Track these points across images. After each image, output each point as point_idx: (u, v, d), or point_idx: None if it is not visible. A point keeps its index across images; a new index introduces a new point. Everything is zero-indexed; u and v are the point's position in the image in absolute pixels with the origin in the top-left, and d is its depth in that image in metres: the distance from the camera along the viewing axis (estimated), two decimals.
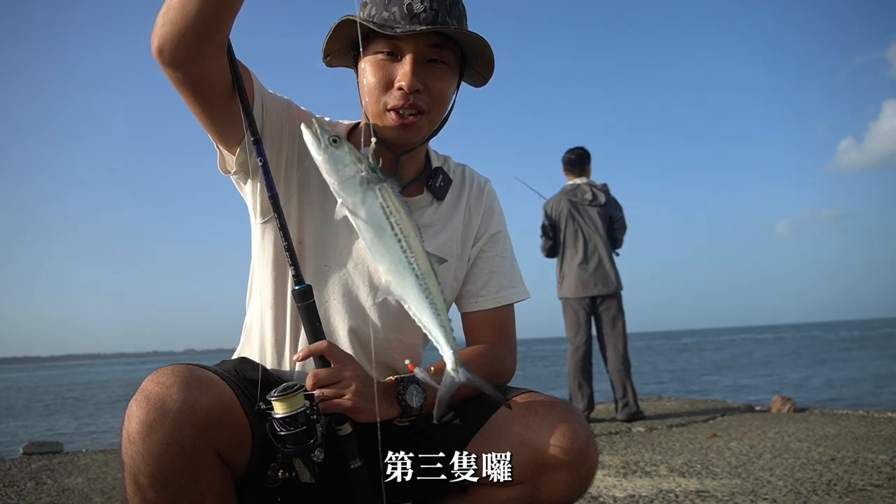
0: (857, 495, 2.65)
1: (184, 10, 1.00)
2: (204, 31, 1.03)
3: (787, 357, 23.07)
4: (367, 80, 1.21)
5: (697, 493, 2.78)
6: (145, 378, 1.02)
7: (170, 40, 1.03)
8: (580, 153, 5.42)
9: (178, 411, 0.96)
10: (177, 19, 1.01)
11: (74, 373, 52.04)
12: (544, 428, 1.14)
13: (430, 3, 1.18)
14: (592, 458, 1.15)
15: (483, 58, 1.25)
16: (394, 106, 1.19)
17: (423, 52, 1.19)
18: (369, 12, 1.20)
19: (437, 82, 1.21)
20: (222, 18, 1.04)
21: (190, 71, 1.07)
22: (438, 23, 1.18)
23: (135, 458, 0.97)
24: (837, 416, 5.07)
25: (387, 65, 1.19)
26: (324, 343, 1.14)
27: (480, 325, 1.40)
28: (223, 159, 1.25)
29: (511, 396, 1.22)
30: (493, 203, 1.45)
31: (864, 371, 14.92)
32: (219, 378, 1.05)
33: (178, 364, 1.03)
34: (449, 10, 1.20)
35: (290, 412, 1.01)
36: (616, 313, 5.21)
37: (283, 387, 1.03)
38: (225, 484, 1.06)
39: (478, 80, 1.33)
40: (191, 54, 1.05)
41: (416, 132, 1.23)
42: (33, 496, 3.15)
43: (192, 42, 1.03)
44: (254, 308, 1.35)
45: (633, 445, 4.07)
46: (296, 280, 1.14)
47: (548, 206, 5.36)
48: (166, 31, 1.03)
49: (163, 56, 1.05)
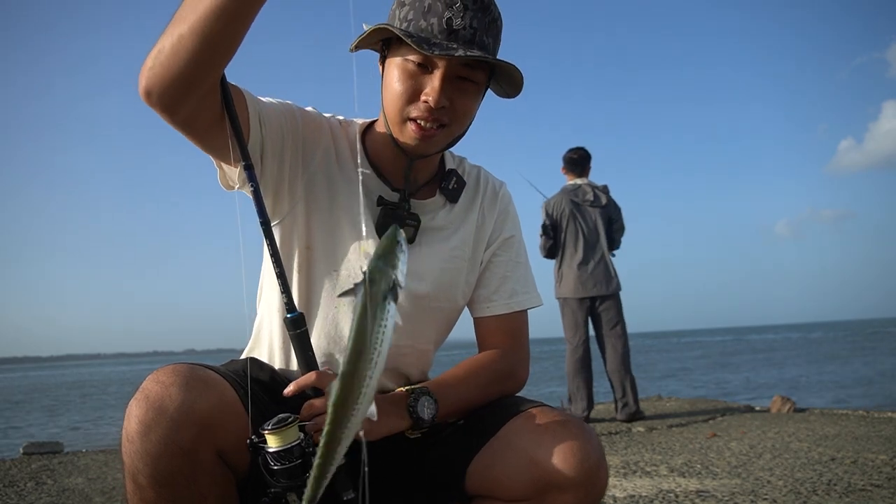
0: (857, 495, 2.65)
1: (175, 56, 0.97)
2: (196, 78, 1.00)
3: (787, 357, 23.06)
4: (393, 86, 1.18)
5: (697, 493, 2.78)
6: (146, 377, 1.01)
7: (158, 84, 1.00)
8: (582, 153, 5.43)
9: (176, 411, 0.96)
10: (167, 64, 0.98)
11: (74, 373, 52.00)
12: (555, 447, 1.10)
13: (470, 20, 1.15)
14: (602, 481, 1.12)
15: (513, 81, 1.23)
16: (416, 117, 1.18)
17: (454, 70, 1.16)
18: (406, 15, 1.17)
19: (464, 100, 1.19)
20: (215, 65, 1.02)
21: (179, 113, 1.04)
22: (476, 43, 1.16)
23: (133, 458, 0.97)
24: (837, 416, 5.07)
25: (416, 75, 1.17)
26: (312, 375, 1.09)
27: (493, 332, 1.37)
28: (224, 174, 1.23)
29: (523, 409, 1.19)
30: (508, 207, 1.42)
31: (864, 371, 14.92)
32: (221, 378, 1.05)
33: (180, 363, 1.02)
34: (487, 29, 1.18)
35: (284, 446, 0.98)
36: (615, 313, 5.21)
37: (277, 419, 0.99)
38: (226, 485, 1.05)
39: (503, 94, 1.30)
40: (181, 98, 1.02)
41: (434, 144, 1.22)
42: (33, 496, 3.15)
43: (183, 87, 1.00)
44: (263, 309, 1.35)
45: (633, 445, 4.07)
46: (287, 308, 1.11)
47: (549, 206, 5.35)
48: (155, 74, 0.99)
49: (150, 99, 1.02)
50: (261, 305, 1.36)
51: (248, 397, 1.06)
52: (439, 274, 1.32)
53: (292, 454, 0.98)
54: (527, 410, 1.19)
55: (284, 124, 1.22)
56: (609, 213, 5.31)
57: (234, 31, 0.98)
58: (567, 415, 1.17)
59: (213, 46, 0.97)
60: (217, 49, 0.98)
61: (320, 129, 1.28)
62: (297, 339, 1.11)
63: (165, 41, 0.98)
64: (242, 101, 1.15)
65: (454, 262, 1.34)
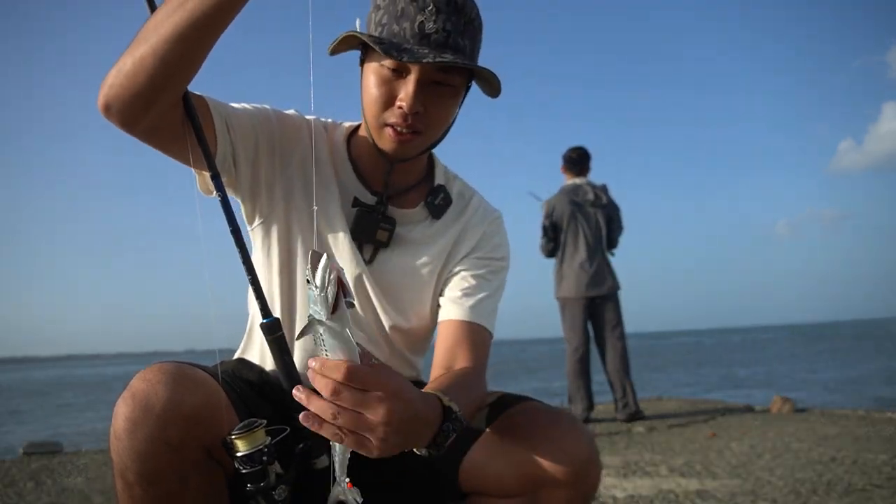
0: (857, 495, 2.65)
1: (135, 76, 0.97)
2: (156, 96, 1.00)
3: (787, 357, 23.07)
4: (370, 91, 1.18)
5: (697, 493, 2.78)
6: (134, 376, 1.02)
7: (117, 101, 1.00)
8: (581, 152, 5.42)
9: (163, 408, 0.96)
10: (127, 84, 0.98)
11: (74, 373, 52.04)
12: (546, 443, 1.10)
13: (443, 22, 1.13)
14: (594, 477, 1.12)
15: (490, 84, 1.22)
16: (392, 123, 1.17)
17: (428, 75, 1.15)
18: (380, 19, 1.16)
19: (439, 105, 1.18)
20: (176, 84, 1.02)
21: (138, 126, 1.04)
22: (449, 46, 1.14)
23: (122, 455, 0.97)
24: (837, 416, 5.07)
25: (390, 80, 1.16)
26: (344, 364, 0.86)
27: (458, 340, 1.26)
28: (202, 180, 1.21)
29: (515, 405, 1.19)
30: (497, 234, 1.37)
31: (864, 371, 14.92)
32: (208, 376, 1.05)
33: (167, 362, 1.03)
34: (463, 31, 1.16)
35: (250, 450, 0.98)
36: (614, 314, 5.21)
37: (243, 423, 0.99)
38: (216, 482, 1.05)
39: (487, 94, 1.27)
40: (140, 114, 1.02)
41: (412, 148, 1.22)
42: (33, 496, 3.16)
43: (142, 104, 1.00)
44: (253, 309, 1.34)
45: (633, 445, 4.07)
46: (263, 313, 1.10)
47: (549, 206, 5.35)
48: (115, 92, 0.99)
49: (109, 113, 1.02)
50: (251, 306, 1.36)
51: (228, 395, 1.06)
52: (404, 288, 1.31)
53: (256, 458, 0.99)
54: (519, 406, 1.19)
55: (257, 126, 1.21)
56: (609, 213, 5.31)
57: (195, 55, 0.99)
58: (559, 410, 1.17)
59: (173, 68, 0.98)
60: (178, 70, 0.99)
61: (299, 131, 1.27)
62: (274, 344, 1.09)
63: (126, 60, 0.98)
64: (206, 110, 1.14)
65: (420, 278, 1.31)
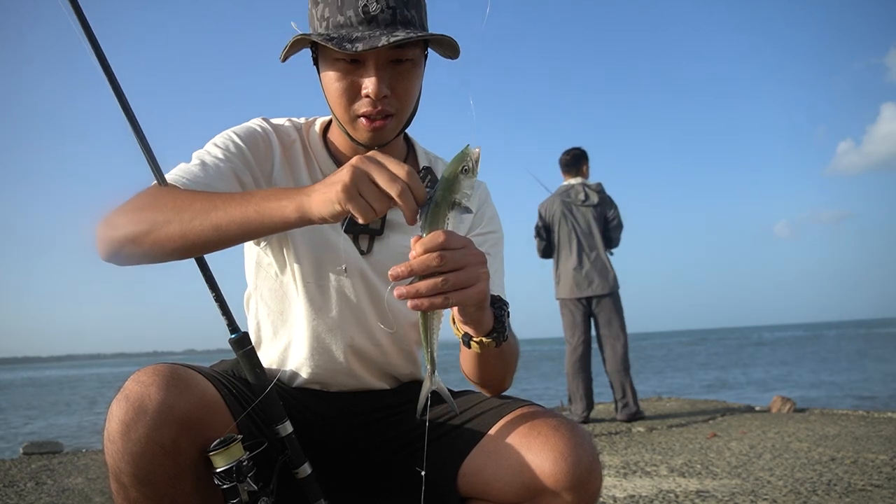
0: (857, 495, 2.65)
1: (152, 254, 1.04)
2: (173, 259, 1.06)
3: (787, 357, 23.07)
4: (332, 87, 1.17)
5: (697, 493, 2.78)
6: (128, 378, 1.02)
7: (124, 261, 1.07)
8: (575, 154, 5.43)
9: (156, 410, 0.96)
10: (140, 253, 1.04)
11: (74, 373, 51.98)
12: (546, 450, 1.07)
13: (385, 1, 1.12)
14: (595, 486, 1.09)
15: (448, 46, 1.21)
16: (363, 113, 1.17)
17: (385, 56, 1.14)
18: (322, 13, 1.15)
19: (404, 83, 1.18)
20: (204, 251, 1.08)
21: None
22: (397, 21, 1.13)
23: (116, 458, 0.97)
24: (837, 416, 5.08)
25: (350, 72, 1.15)
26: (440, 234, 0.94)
27: None
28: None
29: (513, 410, 1.18)
30: (485, 204, 1.40)
31: (864, 371, 14.92)
32: (202, 377, 1.05)
33: (161, 363, 1.02)
34: (406, 2, 1.15)
35: (228, 465, 1.00)
36: (613, 313, 5.20)
37: (220, 440, 1.01)
38: (210, 483, 1.06)
39: (447, 56, 1.26)
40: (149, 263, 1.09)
41: (387, 132, 1.22)
42: (33, 496, 3.16)
43: (154, 262, 1.07)
44: (254, 312, 1.35)
45: (633, 445, 4.07)
46: (230, 329, 1.12)
47: (542, 208, 5.39)
48: (123, 254, 1.05)
49: (114, 262, 1.08)
50: (251, 310, 1.37)
51: (223, 396, 1.07)
52: None
53: (233, 474, 1.00)
54: (517, 411, 1.17)
55: (236, 170, 1.21)
56: (604, 212, 5.30)
57: (219, 248, 1.06)
58: (559, 416, 1.14)
59: (195, 253, 1.07)
60: (199, 253, 1.07)
61: (268, 145, 1.27)
62: (245, 357, 1.11)
63: (145, 232, 1.03)
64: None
65: None
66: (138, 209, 1.05)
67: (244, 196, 1.00)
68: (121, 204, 1.08)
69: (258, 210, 0.97)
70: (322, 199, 0.92)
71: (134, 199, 1.08)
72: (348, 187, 0.89)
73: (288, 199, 0.95)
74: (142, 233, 1.02)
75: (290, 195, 0.96)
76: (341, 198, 0.90)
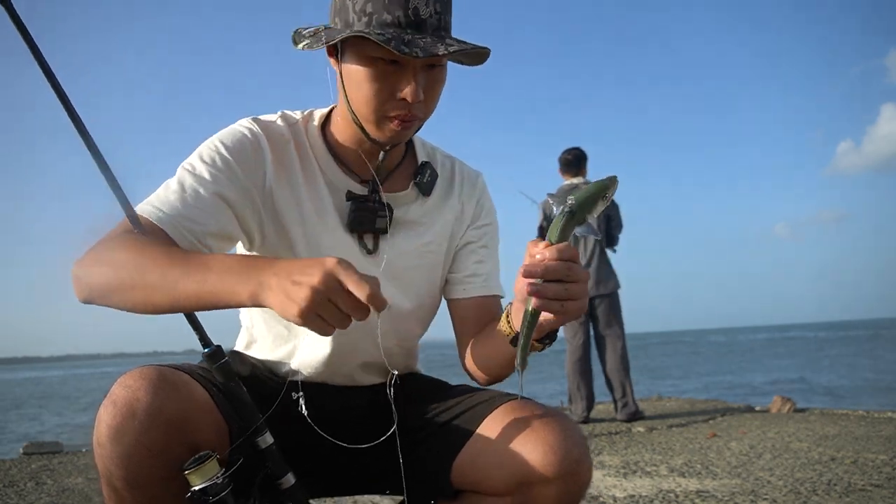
0: (857, 495, 2.65)
1: (123, 306, 1.03)
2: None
3: (787, 357, 23.08)
4: (364, 86, 1.14)
5: (697, 493, 2.78)
6: (115, 381, 1.01)
7: (104, 304, 1.05)
8: (577, 153, 5.42)
9: (144, 413, 0.96)
10: (115, 303, 1.03)
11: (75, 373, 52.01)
12: (536, 441, 1.10)
13: (433, 4, 1.11)
14: (584, 475, 1.11)
15: (478, 58, 1.20)
16: (396, 115, 1.15)
17: (424, 60, 1.12)
18: (363, 7, 1.10)
19: (435, 88, 1.17)
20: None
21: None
22: (442, 27, 1.13)
23: (106, 462, 0.97)
24: (837, 416, 5.07)
25: (388, 73, 1.12)
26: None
27: (473, 315, 1.35)
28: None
29: (503, 403, 1.20)
30: (483, 196, 1.41)
31: (864, 371, 14.92)
32: (190, 378, 1.04)
33: (148, 366, 1.02)
34: (447, 9, 1.15)
35: (204, 483, 0.98)
36: (612, 313, 5.20)
37: (193, 458, 0.99)
38: None
39: (465, 65, 1.25)
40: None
41: (411, 132, 1.21)
42: (33, 496, 3.15)
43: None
44: (251, 314, 1.35)
45: (633, 445, 4.08)
46: (203, 343, 1.09)
47: (545, 206, 5.36)
48: (101, 299, 1.04)
49: (87, 303, 1.06)
50: (245, 312, 1.37)
51: (212, 397, 1.06)
52: (415, 269, 1.31)
53: (210, 492, 0.98)
54: (507, 404, 1.19)
55: (221, 189, 1.17)
56: (607, 211, 5.30)
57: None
58: (548, 408, 1.17)
59: (161, 314, 1.04)
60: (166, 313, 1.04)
61: (258, 151, 1.22)
62: (220, 371, 1.08)
63: (112, 290, 1.02)
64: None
65: (429, 258, 1.33)
66: (106, 263, 1.03)
67: (203, 268, 0.97)
68: (96, 244, 1.07)
69: (213, 291, 0.95)
70: (279, 300, 0.90)
71: (106, 243, 1.06)
72: (305, 311, 0.88)
73: (244, 283, 0.92)
74: (109, 290, 1.02)
75: (248, 277, 0.92)
76: (297, 315, 0.88)
